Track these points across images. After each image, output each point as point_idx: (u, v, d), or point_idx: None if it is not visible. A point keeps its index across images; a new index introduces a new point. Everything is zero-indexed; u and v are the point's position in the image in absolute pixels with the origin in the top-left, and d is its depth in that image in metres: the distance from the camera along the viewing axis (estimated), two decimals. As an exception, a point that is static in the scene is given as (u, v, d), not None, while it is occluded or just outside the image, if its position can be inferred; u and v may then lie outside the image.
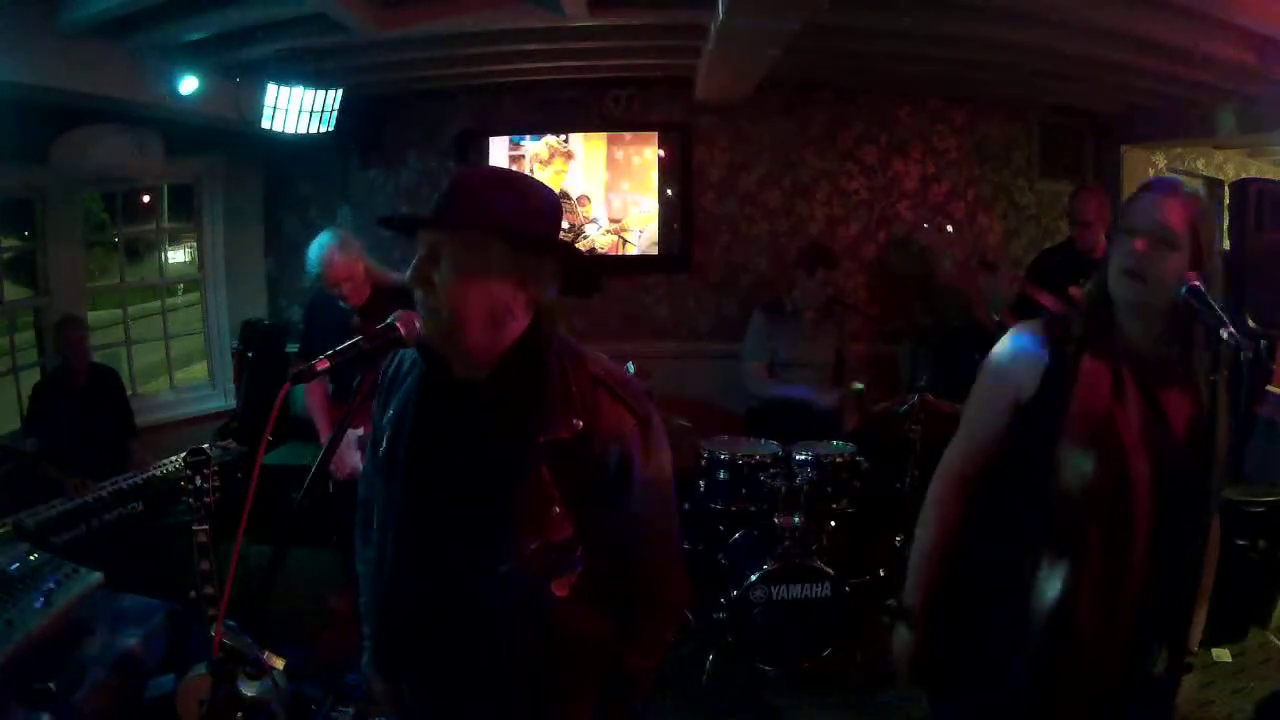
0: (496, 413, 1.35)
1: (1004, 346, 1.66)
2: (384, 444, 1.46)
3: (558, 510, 1.32)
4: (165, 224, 5.54)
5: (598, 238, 5.33)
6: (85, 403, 4.11)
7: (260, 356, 5.17)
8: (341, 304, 3.42)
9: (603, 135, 5.28)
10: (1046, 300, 3.55)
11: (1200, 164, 5.94)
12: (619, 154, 5.29)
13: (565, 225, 5.24)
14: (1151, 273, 1.48)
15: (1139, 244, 1.49)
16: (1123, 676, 1.54)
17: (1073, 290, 3.31)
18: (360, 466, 3.44)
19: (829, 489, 3.53)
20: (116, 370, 4.51)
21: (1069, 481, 1.50)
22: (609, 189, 5.32)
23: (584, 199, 5.30)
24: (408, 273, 1.32)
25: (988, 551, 1.63)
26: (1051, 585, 1.51)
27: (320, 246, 3.32)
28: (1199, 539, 1.44)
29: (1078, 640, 1.51)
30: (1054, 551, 1.52)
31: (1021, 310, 3.56)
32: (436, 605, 1.39)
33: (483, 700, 1.40)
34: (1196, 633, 1.57)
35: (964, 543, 1.67)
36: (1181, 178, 1.49)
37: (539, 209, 1.36)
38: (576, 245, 5.19)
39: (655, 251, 5.36)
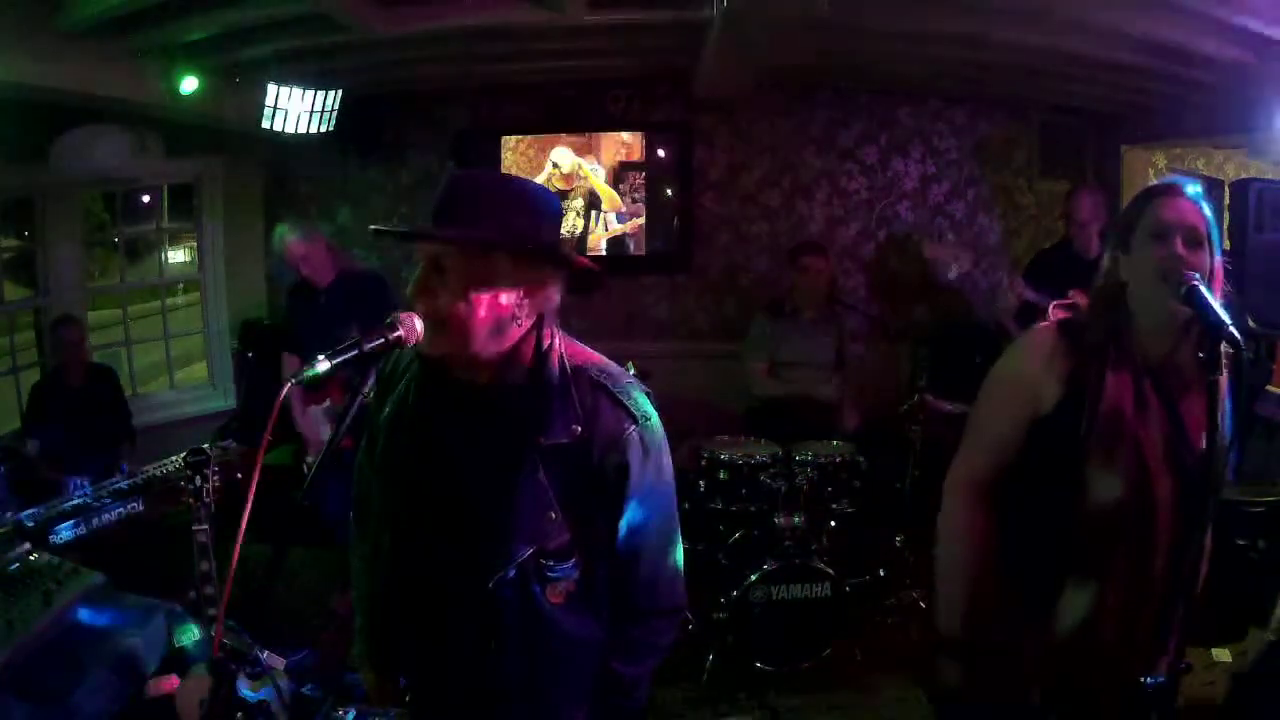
0: (495, 416, 1.34)
1: (1019, 354, 1.61)
2: (381, 443, 1.45)
3: (554, 516, 1.31)
4: (165, 224, 5.54)
5: (599, 238, 5.33)
6: (83, 402, 4.11)
7: (260, 356, 5.16)
8: (312, 287, 3.69)
9: (604, 135, 5.28)
10: (1050, 307, 3.54)
11: (1200, 164, 5.92)
12: (620, 154, 5.29)
13: (573, 229, 5.25)
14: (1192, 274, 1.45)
15: (1178, 246, 1.46)
16: (1137, 684, 1.53)
17: (1076, 294, 3.30)
18: (325, 439, 3.51)
19: (829, 489, 3.53)
20: (115, 369, 4.51)
21: (1097, 502, 1.46)
22: (611, 188, 5.32)
23: (594, 198, 5.31)
24: (409, 286, 1.30)
25: (1005, 567, 1.57)
26: (1077, 605, 1.48)
27: (278, 234, 3.74)
28: (1201, 540, 1.44)
29: (1100, 655, 1.49)
30: (1079, 571, 1.49)
31: (1024, 317, 3.56)
32: (430, 606, 1.38)
33: (475, 700, 1.40)
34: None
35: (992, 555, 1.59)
36: (1182, 178, 1.46)
37: (540, 214, 1.34)
38: (585, 247, 5.20)
39: (655, 252, 5.36)
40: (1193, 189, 1.53)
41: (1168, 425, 1.48)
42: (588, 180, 5.28)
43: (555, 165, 5.26)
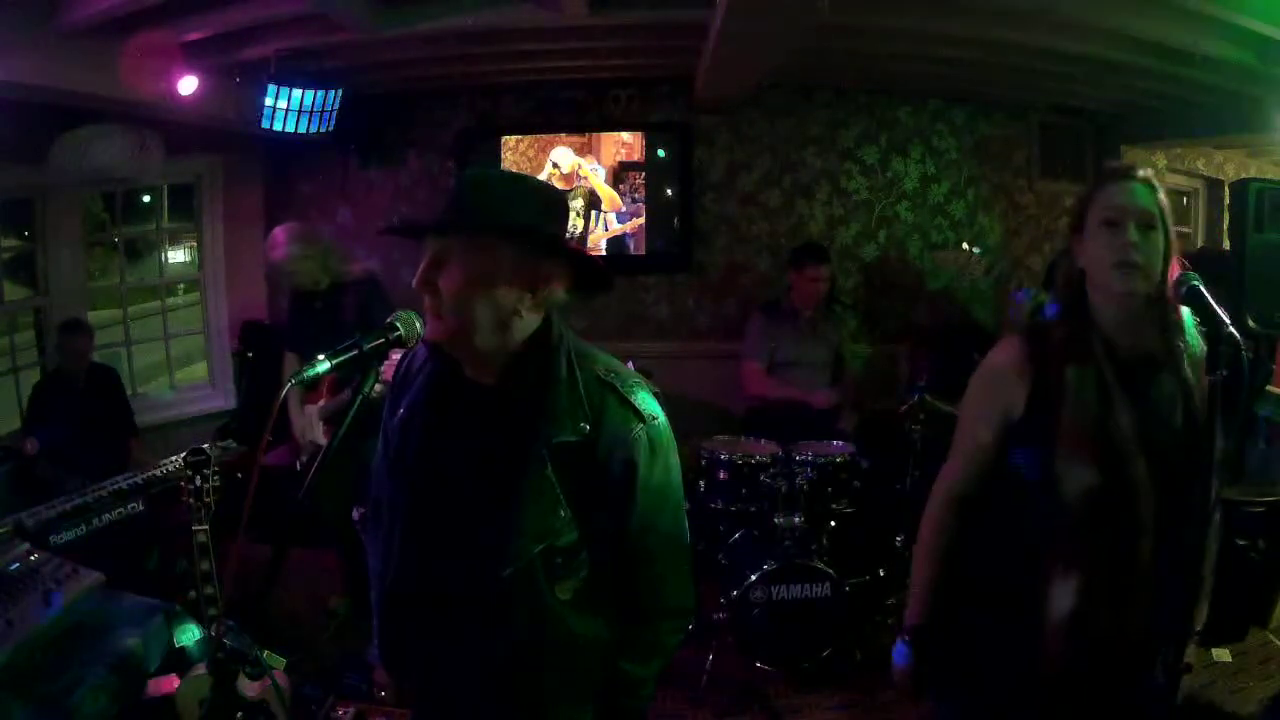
0: (504, 415, 1.34)
1: (989, 363, 1.66)
2: (395, 443, 1.46)
3: (563, 514, 1.32)
4: (165, 224, 5.54)
5: (599, 238, 5.33)
6: (84, 402, 4.12)
7: (260, 356, 5.17)
8: (312, 289, 3.60)
9: (605, 135, 5.28)
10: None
11: (1200, 164, 5.94)
12: (620, 153, 5.29)
13: (573, 229, 5.24)
14: (1145, 260, 1.48)
15: (1130, 233, 1.48)
16: (1133, 677, 1.53)
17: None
18: (323, 441, 3.49)
19: (829, 489, 3.53)
20: (115, 369, 4.51)
21: (1070, 493, 1.49)
22: (611, 188, 5.32)
23: (594, 198, 5.31)
24: (415, 278, 1.31)
25: (995, 565, 1.62)
26: (1063, 597, 1.50)
27: (270, 237, 3.59)
28: (1200, 535, 1.44)
29: (1092, 646, 1.51)
30: (1063, 563, 1.51)
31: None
32: (440, 604, 1.39)
33: (484, 698, 1.40)
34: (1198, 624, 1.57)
35: (968, 556, 1.67)
36: (1131, 164, 1.46)
37: (546, 210, 1.35)
38: (585, 247, 5.19)
39: (655, 252, 5.36)
40: (1144, 172, 1.54)
41: (1137, 408, 1.50)
42: (588, 180, 5.28)
43: (555, 165, 5.26)
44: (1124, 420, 1.49)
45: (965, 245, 3.90)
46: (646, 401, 1.37)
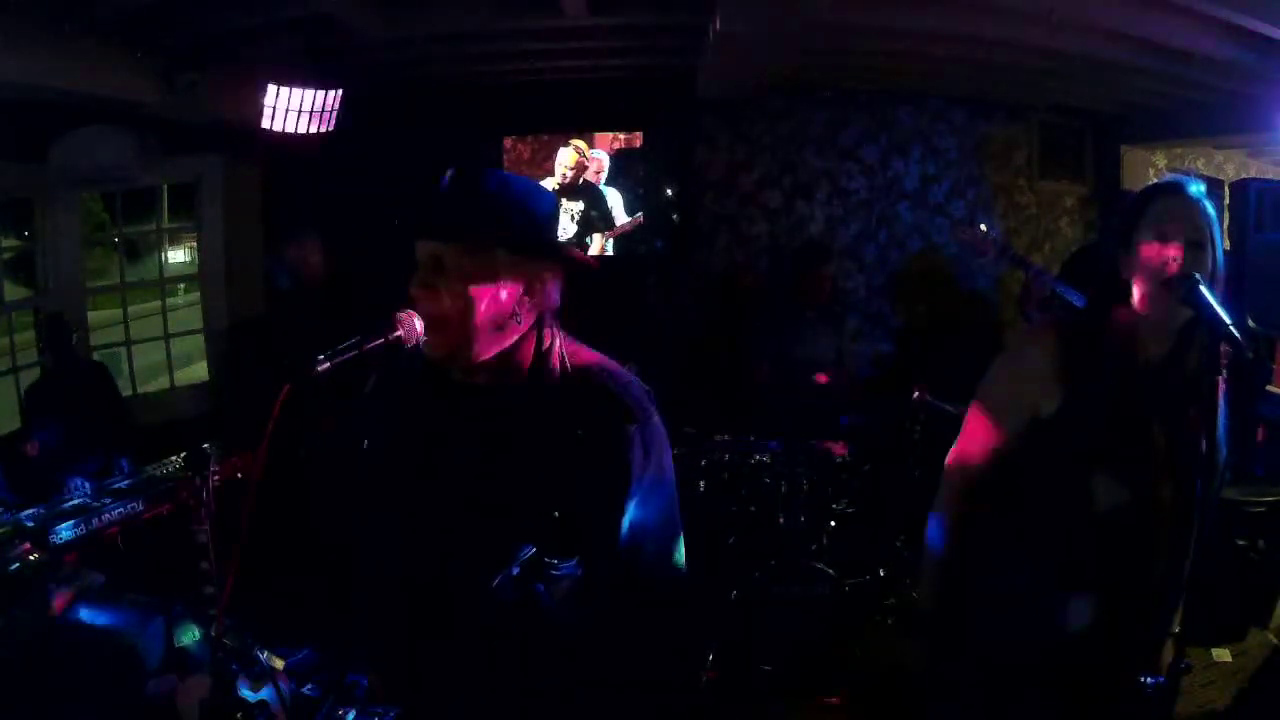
0: (496, 417, 1.34)
1: (1017, 354, 1.61)
2: (385, 441, 1.45)
3: (556, 515, 1.31)
4: (165, 224, 5.54)
5: (601, 237, 5.34)
6: (80, 401, 4.11)
7: (259, 356, 5.16)
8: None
9: (606, 135, 5.28)
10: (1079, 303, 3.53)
11: (1200, 164, 5.93)
12: (619, 153, 5.29)
13: (575, 222, 5.26)
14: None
15: (1177, 252, 1.45)
16: (1137, 684, 1.53)
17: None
18: None
19: (829, 489, 3.53)
20: (111, 368, 4.51)
21: (1103, 509, 1.47)
22: (611, 188, 5.32)
23: (596, 199, 5.32)
24: (414, 281, 1.30)
25: (1010, 569, 1.60)
26: (1081, 612, 1.49)
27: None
28: (1203, 540, 1.44)
29: (1104, 659, 1.50)
30: (1085, 580, 1.50)
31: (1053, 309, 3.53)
32: (432, 606, 1.38)
33: (476, 699, 1.40)
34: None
35: (982, 555, 1.64)
36: (1185, 176, 1.43)
37: (539, 211, 1.35)
38: (583, 247, 5.20)
39: (655, 251, 5.36)
40: (1195, 188, 1.51)
41: (1170, 429, 1.48)
42: (595, 161, 5.27)
43: (562, 164, 5.27)
44: (1160, 439, 1.47)
45: (983, 226, 3.91)
46: (640, 400, 1.36)
